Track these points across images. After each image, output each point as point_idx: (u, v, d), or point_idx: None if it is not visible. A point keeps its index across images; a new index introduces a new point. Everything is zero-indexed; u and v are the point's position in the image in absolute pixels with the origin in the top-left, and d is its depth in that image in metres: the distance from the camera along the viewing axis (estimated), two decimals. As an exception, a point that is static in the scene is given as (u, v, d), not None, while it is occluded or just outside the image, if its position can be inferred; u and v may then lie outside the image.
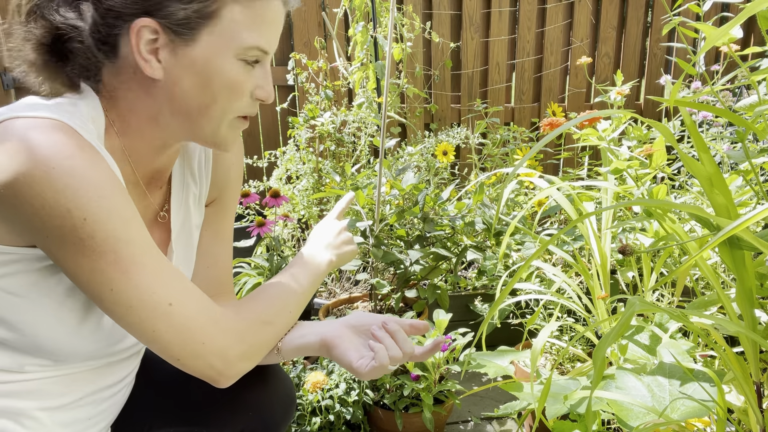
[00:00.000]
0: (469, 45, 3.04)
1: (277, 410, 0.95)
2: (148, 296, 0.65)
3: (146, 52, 0.67)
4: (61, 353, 0.72)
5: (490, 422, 1.61)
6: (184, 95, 0.71)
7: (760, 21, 0.78)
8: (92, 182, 0.62)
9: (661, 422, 0.80)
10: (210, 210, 0.95)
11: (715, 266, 1.39)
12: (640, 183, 1.21)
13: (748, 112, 0.95)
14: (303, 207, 2.21)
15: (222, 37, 0.69)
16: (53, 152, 0.60)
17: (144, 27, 0.66)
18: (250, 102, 0.76)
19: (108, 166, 0.65)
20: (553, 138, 0.71)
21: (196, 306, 0.70)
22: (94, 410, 0.80)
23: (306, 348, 0.85)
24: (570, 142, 3.22)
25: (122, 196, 0.65)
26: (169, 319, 0.67)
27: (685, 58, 3.18)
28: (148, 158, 0.79)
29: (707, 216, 0.74)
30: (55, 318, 0.70)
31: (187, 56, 0.69)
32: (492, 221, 1.83)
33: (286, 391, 0.97)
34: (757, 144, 1.76)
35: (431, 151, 2.31)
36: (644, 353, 1.08)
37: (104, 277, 0.63)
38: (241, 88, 0.73)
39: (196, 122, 0.73)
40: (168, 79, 0.70)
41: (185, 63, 0.69)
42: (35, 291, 0.68)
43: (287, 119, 2.75)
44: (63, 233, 0.61)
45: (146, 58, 0.68)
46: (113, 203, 0.63)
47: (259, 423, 0.93)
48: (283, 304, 0.83)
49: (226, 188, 0.95)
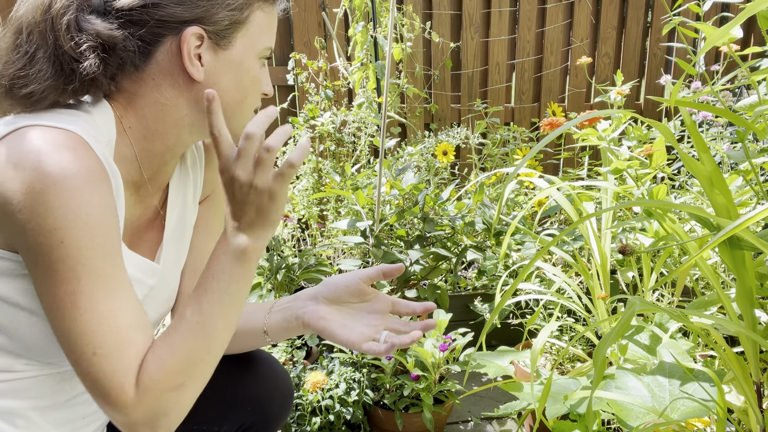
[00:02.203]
0: (469, 45, 3.04)
1: (276, 404, 0.96)
2: (81, 337, 0.64)
3: (194, 56, 0.74)
4: (52, 356, 0.73)
5: (490, 422, 1.61)
6: (222, 93, 0.77)
7: (760, 21, 0.78)
8: (84, 208, 0.62)
9: (661, 422, 0.80)
10: (203, 207, 0.96)
11: (715, 266, 1.39)
12: (640, 183, 1.21)
13: (748, 112, 0.95)
14: (303, 207, 2.21)
15: (251, 40, 0.77)
16: (58, 170, 0.61)
17: (192, 35, 0.72)
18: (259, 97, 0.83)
19: (108, 192, 0.65)
20: (553, 138, 0.71)
21: (119, 366, 0.65)
22: (88, 409, 0.81)
23: (291, 331, 0.87)
24: (570, 142, 3.22)
25: (109, 228, 0.65)
26: (88, 367, 0.65)
27: (685, 58, 3.18)
28: (160, 161, 0.80)
29: (707, 216, 0.74)
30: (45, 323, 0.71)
31: (225, 58, 0.76)
32: (492, 221, 1.83)
33: (284, 385, 0.98)
34: (757, 144, 1.76)
35: (431, 151, 2.31)
36: (644, 353, 1.08)
37: (57, 302, 0.63)
38: (260, 84, 0.81)
39: (230, 119, 0.79)
40: (207, 81, 0.75)
41: (224, 64, 0.76)
42: (27, 296, 0.69)
43: (287, 119, 2.75)
44: (40, 250, 0.62)
45: (193, 63, 0.74)
46: (96, 234, 0.63)
47: (259, 417, 0.94)
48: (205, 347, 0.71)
49: (219, 185, 0.97)
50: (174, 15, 0.71)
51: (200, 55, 0.74)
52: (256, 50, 0.78)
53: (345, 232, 2.12)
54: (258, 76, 0.80)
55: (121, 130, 0.75)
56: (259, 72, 0.80)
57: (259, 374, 0.94)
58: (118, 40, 0.69)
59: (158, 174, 0.83)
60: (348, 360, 1.47)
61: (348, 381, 1.41)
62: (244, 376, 0.92)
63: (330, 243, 2.22)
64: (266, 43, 0.80)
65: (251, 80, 0.79)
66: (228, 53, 0.76)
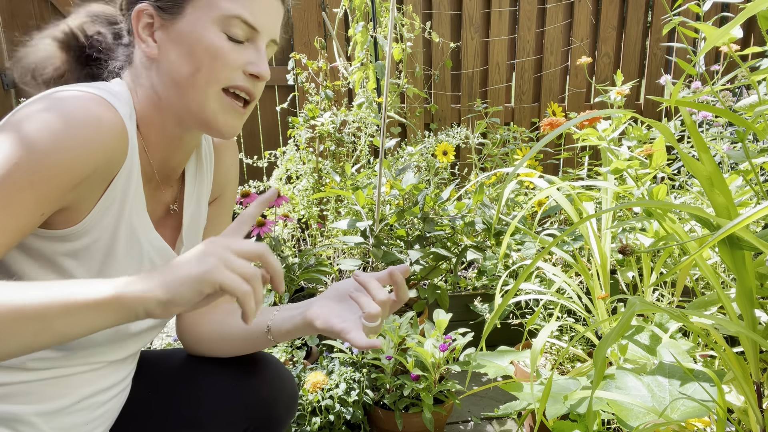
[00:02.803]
0: (469, 45, 3.04)
1: (282, 406, 0.96)
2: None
3: (144, 34, 0.75)
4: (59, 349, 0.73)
5: (490, 422, 1.61)
6: (173, 68, 0.74)
7: (760, 21, 0.78)
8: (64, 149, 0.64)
9: (661, 422, 0.80)
10: (212, 208, 0.97)
11: (715, 266, 1.39)
12: (640, 183, 1.21)
13: (748, 112, 0.95)
14: (303, 207, 2.21)
15: (203, 8, 0.73)
16: (76, 106, 0.66)
17: (142, 12, 0.74)
18: (243, 77, 0.77)
19: (93, 139, 0.67)
20: (553, 138, 0.71)
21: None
22: (90, 415, 0.81)
23: (294, 330, 0.85)
24: (570, 142, 3.22)
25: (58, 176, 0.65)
26: None
27: (685, 58, 3.17)
28: (162, 152, 0.81)
29: (707, 216, 0.74)
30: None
31: (175, 30, 0.74)
32: (492, 221, 1.83)
33: (290, 388, 0.98)
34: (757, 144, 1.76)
35: (431, 151, 2.31)
36: (644, 353, 1.08)
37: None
38: (226, 57, 0.74)
39: (185, 94, 0.75)
40: (161, 56, 0.75)
41: (173, 36, 0.74)
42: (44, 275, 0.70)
43: (287, 119, 2.75)
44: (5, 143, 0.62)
45: (144, 39, 0.75)
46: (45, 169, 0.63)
47: (265, 421, 0.94)
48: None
49: (226, 187, 0.99)
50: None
51: (154, 31, 0.75)
52: (212, 16, 0.73)
53: (345, 232, 2.12)
54: (219, 46, 0.73)
55: (138, 114, 0.78)
56: (224, 44, 0.74)
57: (265, 378, 0.94)
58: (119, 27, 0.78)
59: (166, 168, 0.83)
60: (348, 360, 1.47)
61: (348, 381, 1.41)
62: (250, 380, 0.92)
63: (330, 243, 2.22)
64: (228, 10, 0.73)
65: (205, 50, 0.73)
66: (178, 24, 0.74)
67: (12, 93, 2.81)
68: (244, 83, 0.77)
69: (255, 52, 0.77)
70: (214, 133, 0.78)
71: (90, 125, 0.66)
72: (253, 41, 0.77)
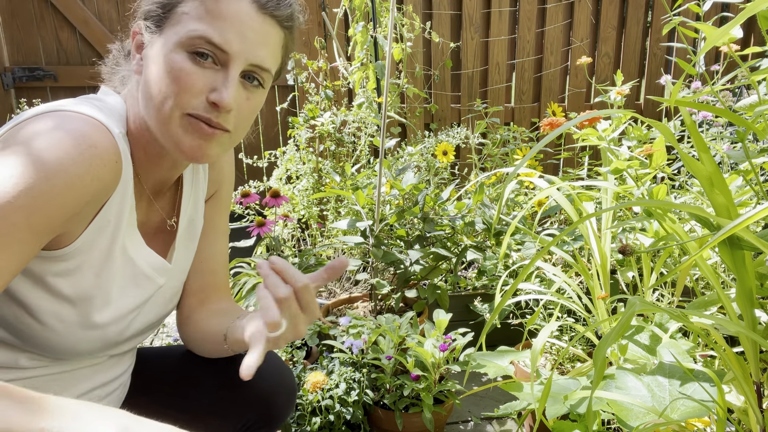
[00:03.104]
0: (469, 45, 3.04)
1: (281, 399, 0.96)
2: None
3: (135, 51, 0.75)
4: (59, 352, 0.73)
5: (490, 422, 1.61)
6: (146, 86, 0.73)
7: (760, 21, 0.78)
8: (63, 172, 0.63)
9: (661, 422, 0.80)
10: (208, 206, 0.97)
11: (715, 266, 1.39)
12: (640, 183, 1.21)
13: (748, 112, 0.95)
14: (303, 207, 2.21)
15: (175, 28, 0.70)
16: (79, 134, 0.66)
17: (136, 30, 0.75)
18: (204, 105, 0.71)
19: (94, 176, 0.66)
20: (553, 138, 0.71)
21: None
22: None
23: (242, 341, 0.78)
24: (570, 142, 3.22)
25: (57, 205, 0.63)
26: None
27: (685, 58, 3.17)
28: (150, 167, 0.81)
29: (707, 216, 0.74)
30: (56, 317, 0.71)
31: (153, 49, 0.72)
32: (492, 221, 1.83)
33: (289, 380, 0.99)
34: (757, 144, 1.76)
35: (431, 151, 2.31)
36: (644, 353, 1.08)
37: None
38: (188, 79, 0.69)
39: (152, 114, 0.72)
40: (143, 74, 0.74)
41: (150, 55, 0.73)
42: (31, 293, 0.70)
43: (287, 119, 2.75)
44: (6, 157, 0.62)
45: (134, 56, 0.76)
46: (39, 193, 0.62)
47: (265, 412, 0.94)
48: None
49: (222, 183, 0.98)
50: (136, 9, 0.76)
51: (143, 48, 0.75)
52: (180, 35, 0.69)
53: (345, 232, 2.12)
54: (182, 68, 0.69)
55: (128, 128, 0.78)
56: (186, 66, 0.69)
57: (265, 370, 0.94)
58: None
59: (152, 179, 0.83)
60: (348, 360, 1.47)
61: (348, 381, 1.41)
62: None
63: (330, 243, 2.22)
64: (193, 31, 0.68)
65: (168, 71, 0.69)
66: (156, 43, 0.72)
67: (12, 93, 2.81)
68: (204, 113, 0.71)
69: (223, 78, 0.70)
70: (185, 157, 0.73)
71: (84, 160, 0.65)
72: (224, 65, 0.71)
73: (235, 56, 0.70)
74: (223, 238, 0.98)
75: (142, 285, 0.82)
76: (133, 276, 0.80)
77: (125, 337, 0.82)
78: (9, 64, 2.75)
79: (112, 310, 0.78)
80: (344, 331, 1.53)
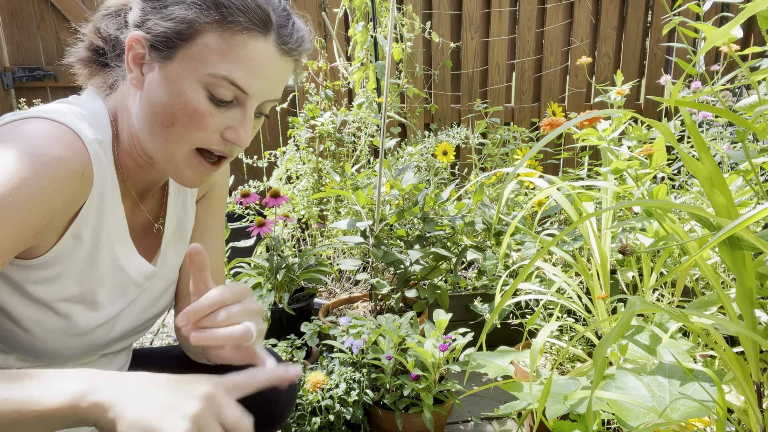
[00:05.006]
0: (469, 45, 3.04)
1: (282, 399, 0.96)
2: None
3: (133, 63, 0.71)
4: (45, 356, 0.74)
5: (490, 422, 1.61)
6: (151, 111, 0.71)
7: (760, 21, 0.78)
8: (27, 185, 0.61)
9: (661, 422, 0.80)
10: (199, 206, 0.96)
11: (715, 266, 1.39)
12: (640, 183, 1.21)
13: (748, 112, 0.95)
14: (303, 207, 2.21)
15: (193, 60, 0.68)
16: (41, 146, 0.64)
17: (136, 41, 0.70)
18: (219, 140, 0.72)
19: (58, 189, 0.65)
20: (553, 138, 0.71)
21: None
22: None
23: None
24: (570, 142, 3.22)
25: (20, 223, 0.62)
26: None
27: (685, 58, 3.17)
28: (136, 174, 0.80)
29: (707, 216, 0.74)
30: (38, 325, 0.72)
31: (161, 72, 0.70)
32: (492, 221, 1.83)
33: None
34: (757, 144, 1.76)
35: (431, 151, 2.31)
36: (644, 353, 1.08)
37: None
38: (203, 119, 0.69)
39: (155, 141, 0.72)
40: (144, 92, 0.72)
41: (158, 79, 0.70)
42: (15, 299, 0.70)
43: (287, 119, 2.75)
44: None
45: (131, 68, 0.72)
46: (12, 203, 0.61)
47: (266, 412, 0.94)
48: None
49: (214, 184, 0.97)
50: (134, 19, 0.72)
51: (144, 63, 0.71)
52: (200, 72, 0.68)
53: (345, 232, 2.12)
54: (199, 108, 0.69)
55: (114, 135, 0.77)
56: (203, 105, 0.69)
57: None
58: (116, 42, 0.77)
59: (138, 184, 0.83)
60: (348, 360, 1.47)
61: (348, 381, 1.41)
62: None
63: (330, 243, 2.22)
64: (218, 70, 0.68)
65: (183, 107, 0.68)
66: (165, 68, 0.69)
67: (12, 93, 2.81)
68: (219, 147, 0.72)
69: (240, 116, 0.71)
70: (176, 180, 0.76)
71: (47, 173, 0.62)
72: (242, 103, 0.71)
73: (254, 97, 0.71)
74: (217, 240, 0.97)
75: (130, 292, 0.82)
76: (123, 284, 0.80)
77: (110, 339, 0.82)
78: (9, 64, 2.75)
79: (99, 317, 0.78)
80: (344, 331, 1.53)
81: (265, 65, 0.70)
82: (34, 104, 2.44)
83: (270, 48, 0.70)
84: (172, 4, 0.68)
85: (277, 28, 0.71)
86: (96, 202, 0.72)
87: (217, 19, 0.67)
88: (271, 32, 0.70)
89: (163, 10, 0.69)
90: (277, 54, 0.71)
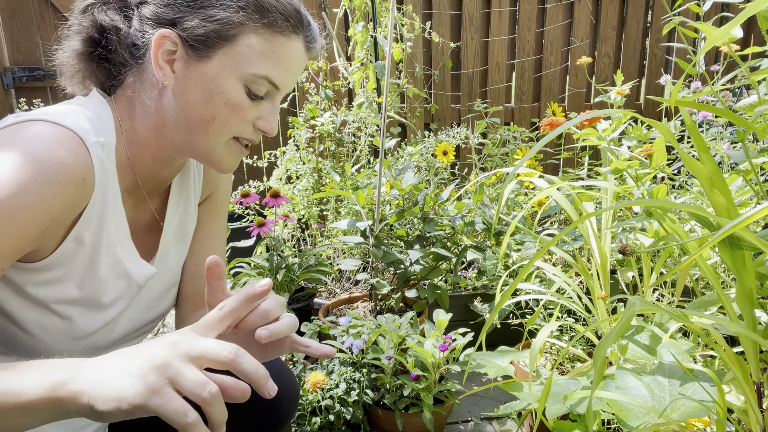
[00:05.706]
0: (469, 45, 3.04)
1: (284, 404, 0.96)
2: None
3: (162, 60, 0.72)
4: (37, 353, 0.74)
5: (490, 422, 1.61)
6: (188, 107, 0.73)
7: (760, 21, 0.78)
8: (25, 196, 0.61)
9: (661, 422, 0.80)
10: (202, 208, 0.96)
11: (715, 266, 1.39)
12: (640, 183, 1.21)
13: (748, 112, 0.95)
14: (303, 207, 2.21)
15: (235, 60, 0.72)
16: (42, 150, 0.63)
17: (165, 37, 0.71)
18: (252, 130, 0.79)
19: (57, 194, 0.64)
20: (553, 138, 0.71)
21: None
22: None
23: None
24: (570, 142, 3.22)
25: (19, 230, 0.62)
26: None
27: (685, 58, 3.17)
28: (151, 168, 0.81)
29: (707, 216, 0.74)
30: (40, 328, 0.72)
31: (198, 70, 0.72)
32: (492, 221, 1.83)
33: (291, 385, 0.99)
34: (757, 144, 1.76)
35: (431, 151, 2.31)
36: (644, 353, 1.08)
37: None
38: (243, 112, 0.75)
39: (195, 136, 0.75)
40: (177, 89, 0.73)
41: (195, 77, 0.72)
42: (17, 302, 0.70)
43: (287, 119, 2.75)
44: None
45: (161, 66, 0.72)
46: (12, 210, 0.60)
47: (267, 418, 0.94)
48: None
49: (218, 187, 0.98)
50: (157, 14, 0.72)
51: (174, 60, 0.72)
52: (241, 71, 0.73)
53: (345, 232, 2.12)
54: (240, 102, 0.74)
55: (119, 132, 0.77)
56: (243, 100, 0.74)
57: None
58: (117, 32, 0.74)
59: (151, 181, 0.83)
60: (348, 360, 1.47)
61: (348, 381, 1.41)
62: None
63: (330, 243, 2.22)
64: (260, 70, 0.73)
65: (225, 103, 0.73)
66: (202, 66, 0.72)
67: (12, 93, 2.81)
68: (251, 135, 0.79)
69: (270, 108, 0.78)
70: (214, 168, 0.81)
71: (46, 179, 0.62)
72: (271, 96, 0.78)
73: (283, 90, 0.78)
74: (219, 242, 0.98)
75: (131, 293, 0.83)
76: (123, 286, 0.81)
77: (111, 341, 0.82)
78: (9, 64, 2.75)
79: (100, 319, 0.78)
80: (344, 331, 1.53)
81: (297, 63, 0.77)
82: (35, 104, 2.44)
83: (301, 47, 0.77)
84: (211, 6, 0.71)
85: (305, 28, 0.77)
86: (98, 205, 0.72)
87: (260, 22, 0.72)
88: (301, 32, 0.76)
89: (202, 11, 0.71)
90: (304, 51, 0.78)
